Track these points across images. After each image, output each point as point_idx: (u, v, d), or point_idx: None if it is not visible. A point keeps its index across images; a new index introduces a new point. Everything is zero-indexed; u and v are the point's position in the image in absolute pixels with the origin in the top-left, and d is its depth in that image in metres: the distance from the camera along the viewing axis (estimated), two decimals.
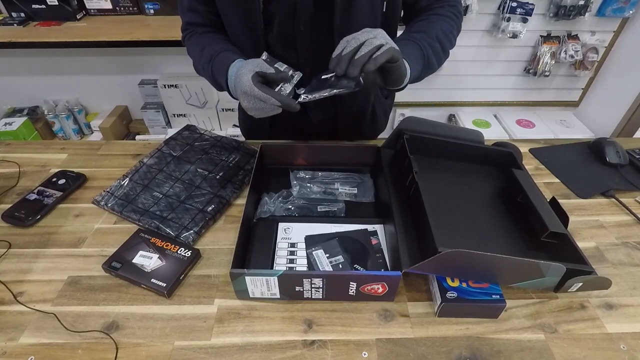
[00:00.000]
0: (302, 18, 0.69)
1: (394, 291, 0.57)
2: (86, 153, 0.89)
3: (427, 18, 0.73)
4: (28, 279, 0.61)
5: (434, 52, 0.68)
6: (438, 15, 0.73)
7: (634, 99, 1.66)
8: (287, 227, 0.68)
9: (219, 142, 0.88)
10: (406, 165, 0.68)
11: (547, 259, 0.52)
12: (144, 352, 0.52)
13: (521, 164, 0.74)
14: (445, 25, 0.71)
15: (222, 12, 0.72)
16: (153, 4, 1.65)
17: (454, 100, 1.96)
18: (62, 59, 1.78)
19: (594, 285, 0.57)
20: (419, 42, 0.66)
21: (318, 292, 0.56)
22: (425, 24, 0.71)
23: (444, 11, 0.74)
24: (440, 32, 0.69)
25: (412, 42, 0.67)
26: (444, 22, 0.72)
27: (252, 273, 0.53)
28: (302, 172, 0.78)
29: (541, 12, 1.67)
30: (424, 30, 0.69)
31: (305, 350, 0.52)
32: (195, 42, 0.77)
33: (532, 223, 0.62)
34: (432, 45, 0.67)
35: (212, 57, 0.71)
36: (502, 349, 0.53)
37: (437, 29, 0.69)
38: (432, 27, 0.70)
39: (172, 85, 1.79)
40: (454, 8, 0.75)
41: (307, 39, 0.72)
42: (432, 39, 0.68)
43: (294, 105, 0.60)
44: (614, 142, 0.89)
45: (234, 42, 0.77)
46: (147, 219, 0.68)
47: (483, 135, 0.77)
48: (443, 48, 0.70)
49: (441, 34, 0.69)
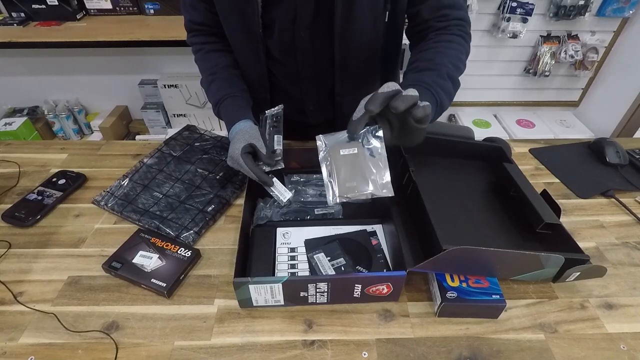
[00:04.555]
0: (302, 24, 0.69)
1: (399, 291, 0.57)
2: (86, 153, 0.89)
3: (434, 47, 0.66)
4: (28, 279, 0.61)
5: (446, 93, 0.62)
6: (446, 42, 0.67)
7: (634, 99, 1.66)
8: (286, 232, 0.68)
9: (219, 142, 0.88)
10: (401, 164, 0.68)
11: (543, 250, 0.54)
12: (144, 352, 0.52)
13: (510, 157, 0.75)
14: (454, 53, 0.66)
15: (220, 13, 0.72)
16: (153, 4, 1.65)
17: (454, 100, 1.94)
18: (62, 59, 1.78)
19: (590, 274, 0.58)
20: (430, 87, 0.60)
21: (323, 296, 0.56)
22: (434, 55, 0.65)
23: (451, 36, 0.67)
24: (450, 65, 0.64)
25: (424, 88, 0.60)
26: (453, 50, 0.66)
27: (256, 281, 0.53)
28: (296, 175, 0.78)
29: (541, 12, 1.67)
30: (433, 67, 0.63)
31: (305, 350, 0.52)
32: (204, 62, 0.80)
33: (526, 215, 0.63)
34: (444, 87, 0.61)
35: (219, 102, 0.75)
36: (502, 349, 0.53)
37: (447, 63, 0.63)
38: (441, 60, 0.64)
39: (172, 85, 1.79)
40: (461, 29, 0.68)
41: (307, 45, 0.72)
42: (444, 78, 0.62)
43: (269, 182, 0.65)
44: (614, 142, 0.89)
45: (234, 46, 0.78)
46: (147, 219, 0.68)
47: (473, 131, 0.78)
48: (454, 83, 0.64)
49: (451, 67, 0.64)
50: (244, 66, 0.80)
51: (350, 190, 0.53)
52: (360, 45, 0.72)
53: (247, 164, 0.64)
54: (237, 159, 0.65)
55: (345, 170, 0.54)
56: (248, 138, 0.67)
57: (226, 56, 0.79)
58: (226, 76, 0.78)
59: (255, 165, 0.65)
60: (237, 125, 0.71)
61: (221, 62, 0.78)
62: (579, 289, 0.61)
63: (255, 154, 0.67)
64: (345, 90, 0.78)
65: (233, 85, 0.77)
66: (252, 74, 0.79)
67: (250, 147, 0.66)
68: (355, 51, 0.72)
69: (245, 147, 0.65)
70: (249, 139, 0.67)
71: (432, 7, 0.68)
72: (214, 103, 0.77)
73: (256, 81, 0.80)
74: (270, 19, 0.69)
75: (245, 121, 0.71)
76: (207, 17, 0.75)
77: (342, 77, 0.76)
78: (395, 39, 0.78)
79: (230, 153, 0.67)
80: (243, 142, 0.66)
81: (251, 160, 0.65)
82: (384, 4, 0.68)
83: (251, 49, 0.74)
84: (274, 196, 0.67)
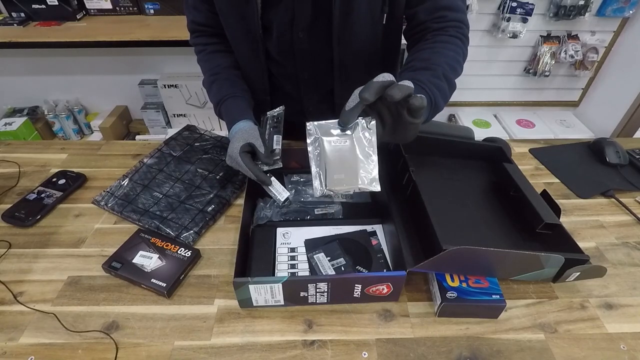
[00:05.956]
0: (300, 25, 0.69)
1: (399, 291, 0.57)
2: (86, 153, 0.89)
3: (431, 47, 0.65)
4: (28, 279, 0.61)
5: (441, 93, 0.60)
6: (443, 43, 0.65)
7: (634, 99, 1.66)
8: (286, 232, 0.68)
9: (219, 142, 0.88)
10: (401, 164, 0.68)
11: (543, 250, 0.54)
12: (144, 352, 0.52)
13: (510, 157, 0.75)
14: (451, 54, 0.64)
15: (220, 14, 0.72)
16: (153, 4, 1.65)
17: (454, 100, 1.96)
18: (62, 59, 1.78)
19: (590, 274, 0.58)
20: (425, 86, 0.58)
21: (323, 296, 0.56)
22: (430, 55, 0.63)
23: (449, 37, 0.66)
24: (446, 65, 0.62)
25: (419, 87, 0.58)
26: (450, 52, 0.64)
27: (256, 281, 0.53)
28: (296, 175, 0.78)
29: (541, 12, 1.67)
30: (429, 66, 0.61)
31: (305, 350, 0.52)
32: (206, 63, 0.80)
33: (526, 215, 0.63)
34: (439, 87, 0.60)
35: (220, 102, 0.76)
36: (502, 349, 0.53)
37: (443, 63, 0.62)
38: (437, 60, 0.62)
39: (172, 85, 1.79)
40: (459, 30, 0.67)
41: (306, 46, 0.72)
42: (439, 78, 0.60)
43: (267, 181, 0.66)
44: (614, 142, 0.89)
45: (234, 47, 0.78)
46: (147, 219, 0.68)
47: (473, 131, 0.78)
48: (450, 84, 0.63)
49: (447, 68, 0.62)
50: (244, 67, 0.80)
51: (338, 183, 0.53)
52: (359, 46, 0.72)
53: (246, 163, 0.64)
54: (236, 157, 0.65)
55: (334, 161, 0.53)
56: (247, 137, 0.67)
57: (228, 57, 0.80)
58: (228, 77, 0.78)
59: (253, 164, 0.65)
60: (237, 125, 0.71)
61: (223, 63, 0.79)
62: (579, 289, 0.61)
63: (254, 153, 0.67)
64: (345, 91, 0.78)
65: (234, 86, 0.77)
66: (252, 74, 0.80)
67: (249, 146, 0.66)
68: (353, 53, 0.72)
69: (244, 146, 0.65)
70: (248, 138, 0.67)
71: (429, 9, 0.67)
72: (215, 103, 0.77)
73: (256, 82, 0.80)
74: (269, 21, 0.70)
75: (245, 121, 0.71)
76: (209, 18, 0.75)
77: (341, 79, 0.76)
78: (393, 40, 0.78)
79: (229, 152, 0.68)
80: (242, 141, 0.66)
81: (250, 159, 0.65)
82: (381, 6, 0.68)
83: (251, 50, 0.75)
84: (272, 195, 0.67)
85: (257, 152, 0.66)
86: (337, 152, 0.53)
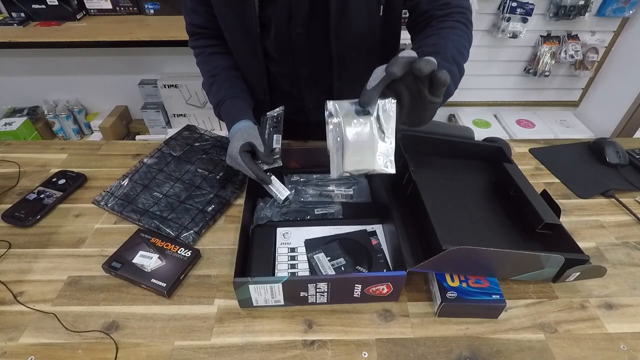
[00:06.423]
0: (297, 21, 0.69)
1: (399, 291, 0.57)
2: (86, 153, 0.89)
3: (438, 33, 0.65)
4: (28, 279, 0.61)
5: (453, 77, 0.59)
6: (449, 28, 0.65)
7: (634, 99, 1.66)
8: (286, 232, 0.68)
9: (219, 142, 0.88)
10: (401, 164, 0.68)
11: (543, 250, 0.54)
12: (144, 352, 0.52)
13: (510, 157, 0.75)
14: (458, 39, 0.64)
15: (218, 15, 0.72)
16: (153, 4, 1.65)
17: (454, 100, 1.96)
18: (62, 59, 1.78)
19: (590, 274, 0.58)
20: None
21: (323, 296, 0.56)
22: (437, 41, 0.63)
23: (454, 22, 0.66)
24: (455, 50, 0.61)
25: None
26: (457, 37, 0.64)
27: (256, 281, 0.53)
28: (296, 175, 0.78)
29: (541, 12, 1.67)
30: (438, 50, 0.61)
31: (305, 350, 0.52)
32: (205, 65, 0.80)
33: (526, 215, 0.63)
34: (451, 71, 0.58)
35: (219, 103, 0.76)
36: (502, 349, 0.53)
37: (451, 47, 0.61)
38: (445, 45, 0.62)
39: (172, 85, 1.78)
40: (463, 16, 0.67)
41: (304, 43, 0.72)
42: (449, 62, 0.59)
43: (267, 180, 0.66)
44: (614, 142, 0.89)
45: (232, 47, 0.78)
46: (147, 219, 0.68)
47: (473, 131, 0.78)
48: (459, 69, 0.62)
49: (456, 52, 0.62)
50: (243, 67, 0.80)
51: (355, 165, 0.52)
52: (357, 41, 0.72)
53: (245, 162, 0.64)
54: (236, 157, 0.65)
55: (353, 143, 0.52)
56: (247, 137, 0.67)
57: (227, 58, 0.80)
58: (227, 78, 0.78)
59: (253, 164, 0.65)
60: (236, 125, 0.71)
61: (222, 64, 0.79)
62: (579, 289, 0.61)
63: (254, 153, 0.67)
64: (344, 87, 0.79)
65: (234, 87, 0.77)
66: (251, 74, 0.80)
67: (248, 145, 0.66)
68: (351, 47, 0.72)
69: (244, 145, 0.65)
70: (248, 137, 0.67)
71: None
72: (215, 104, 0.77)
73: (255, 82, 0.80)
74: (267, 18, 0.70)
75: (245, 121, 0.71)
76: (208, 20, 0.75)
77: (340, 74, 0.76)
78: (392, 33, 0.77)
79: (229, 152, 0.68)
80: (242, 140, 0.66)
81: (249, 158, 0.65)
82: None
83: (249, 49, 0.75)
84: (272, 194, 0.67)
85: (256, 151, 0.66)
86: (356, 133, 0.52)
